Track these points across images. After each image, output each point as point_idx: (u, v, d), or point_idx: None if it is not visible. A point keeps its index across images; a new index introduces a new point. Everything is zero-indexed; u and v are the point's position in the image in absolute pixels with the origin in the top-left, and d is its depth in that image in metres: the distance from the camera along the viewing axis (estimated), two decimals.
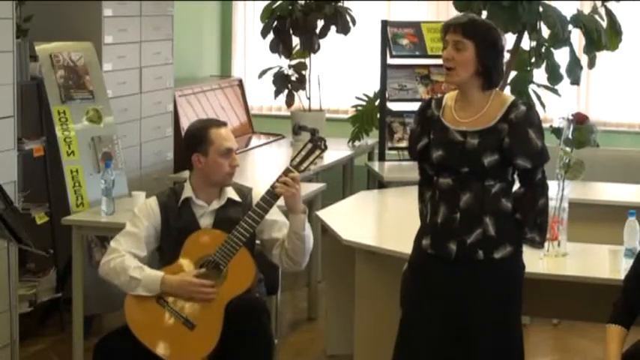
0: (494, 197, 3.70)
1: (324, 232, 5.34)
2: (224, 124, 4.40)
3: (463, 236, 3.68)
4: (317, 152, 4.22)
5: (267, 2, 7.77)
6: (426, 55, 7.24)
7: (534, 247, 3.85)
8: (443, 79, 3.82)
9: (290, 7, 7.62)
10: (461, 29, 3.67)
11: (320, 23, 7.67)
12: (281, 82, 7.85)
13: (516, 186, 3.80)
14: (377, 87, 7.44)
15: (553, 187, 4.59)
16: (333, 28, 7.70)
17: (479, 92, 3.73)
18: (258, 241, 4.37)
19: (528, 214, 3.74)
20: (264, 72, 7.93)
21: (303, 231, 4.24)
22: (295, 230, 4.24)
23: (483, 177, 3.69)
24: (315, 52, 7.73)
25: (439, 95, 3.93)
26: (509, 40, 6.64)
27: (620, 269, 4.20)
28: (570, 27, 6.53)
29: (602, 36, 6.50)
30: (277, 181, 4.18)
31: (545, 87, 6.75)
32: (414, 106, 4.06)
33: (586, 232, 5.03)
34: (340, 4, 7.74)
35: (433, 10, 8.57)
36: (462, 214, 3.68)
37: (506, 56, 6.58)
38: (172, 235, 4.25)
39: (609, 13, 6.59)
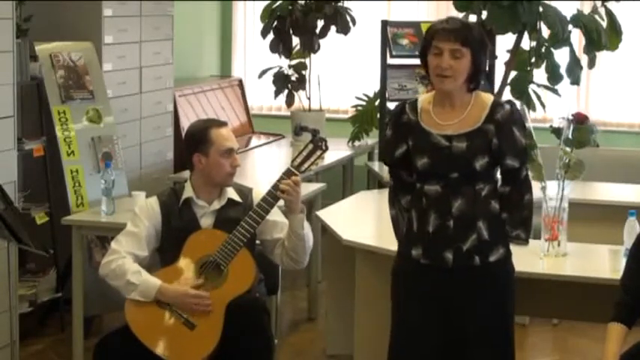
0: (484, 200, 3.65)
1: (324, 232, 5.34)
2: (225, 124, 4.40)
3: (458, 243, 3.63)
4: (318, 153, 4.22)
5: (267, 2, 7.77)
6: None
7: (520, 245, 3.77)
8: (433, 86, 3.72)
9: (290, 7, 7.61)
10: (460, 38, 3.58)
11: (320, 23, 7.67)
12: (281, 82, 7.84)
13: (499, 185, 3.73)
14: (377, 87, 7.44)
15: (553, 187, 4.59)
16: (333, 28, 7.69)
17: (465, 94, 3.67)
18: (258, 242, 4.37)
19: (515, 213, 3.70)
20: (264, 72, 7.93)
21: (302, 230, 4.26)
22: (294, 230, 4.25)
23: (474, 181, 3.64)
24: (315, 52, 7.73)
25: (411, 99, 3.82)
26: (509, 40, 6.66)
27: (620, 269, 4.19)
28: (570, 27, 6.51)
29: (602, 36, 6.49)
30: (279, 181, 4.18)
31: (545, 87, 6.74)
32: None
33: (586, 232, 5.02)
34: (340, 4, 7.73)
35: (433, 10, 8.57)
36: (456, 220, 3.63)
37: (506, 56, 6.63)
38: (173, 235, 4.25)
39: (609, 13, 6.57)
